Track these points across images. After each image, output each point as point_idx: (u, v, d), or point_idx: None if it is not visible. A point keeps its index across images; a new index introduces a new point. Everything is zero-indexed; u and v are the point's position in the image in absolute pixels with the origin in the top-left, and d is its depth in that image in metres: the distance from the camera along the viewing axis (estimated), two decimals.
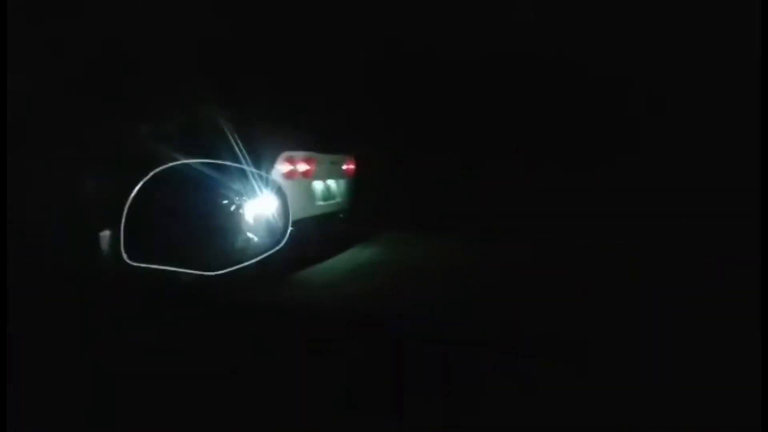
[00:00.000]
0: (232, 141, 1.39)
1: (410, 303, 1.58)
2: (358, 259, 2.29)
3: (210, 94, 1.53)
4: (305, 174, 2.24)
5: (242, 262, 0.96)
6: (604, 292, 1.50)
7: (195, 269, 0.90)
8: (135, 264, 0.82)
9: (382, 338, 1.27)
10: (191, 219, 0.96)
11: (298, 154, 2.17)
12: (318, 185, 2.38)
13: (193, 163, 0.94)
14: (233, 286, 1.01)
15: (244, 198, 1.02)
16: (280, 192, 1.07)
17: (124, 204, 0.82)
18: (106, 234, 0.86)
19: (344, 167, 2.65)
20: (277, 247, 1.01)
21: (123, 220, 0.82)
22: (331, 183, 2.50)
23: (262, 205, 1.04)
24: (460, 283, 1.79)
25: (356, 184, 2.70)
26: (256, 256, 0.99)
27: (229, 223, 1.02)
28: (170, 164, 0.90)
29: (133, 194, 0.83)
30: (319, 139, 2.33)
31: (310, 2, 1.83)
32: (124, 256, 0.82)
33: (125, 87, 1.32)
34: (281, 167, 2.07)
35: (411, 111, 2.22)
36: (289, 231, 1.03)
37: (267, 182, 1.06)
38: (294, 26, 1.73)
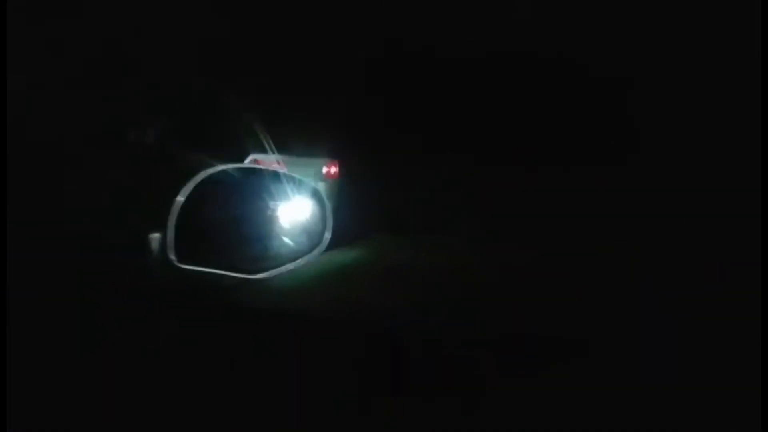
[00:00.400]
0: (263, 139, 1.38)
1: (409, 303, 1.57)
2: (342, 260, 2.28)
3: (211, 92, 1.53)
4: None
5: (280, 267, 0.98)
6: (604, 293, 1.50)
7: (238, 273, 0.92)
8: (183, 267, 0.85)
9: (381, 339, 1.27)
10: (231, 223, 0.98)
11: (267, 156, 2.15)
12: None
13: (233, 167, 0.96)
14: (260, 291, 1.02)
15: (280, 202, 1.03)
16: (317, 195, 1.08)
17: (171, 207, 0.84)
18: (155, 236, 0.88)
19: (325, 170, 2.63)
20: (316, 252, 1.03)
21: (172, 223, 0.84)
22: None
23: (299, 209, 1.05)
24: (458, 284, 1.79)
25: (341, 188, 2.67)
26: (295, 261, 1.00)
27: (267, 227, 1.03)
28: (215, 169, 0.92)
29: (181, 197, 0.85)
30: (296, 142, 2.32)
31: (308, 2, 1.83)
32: (173, 258, 0.84)
33: (127, 87, 1.33)
34: None
35: (409, 112, 2.22)
36: (328, 235, 1.04)
37: (304, 186, 1.07)
38: (291, 26, 1.73)
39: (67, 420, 0.90)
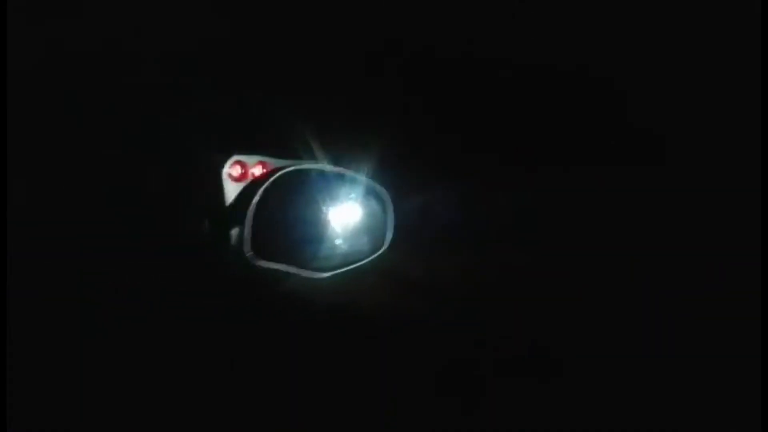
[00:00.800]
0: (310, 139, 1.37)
1: (409, 304, 1.57)
2: None
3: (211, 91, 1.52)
4: None
5: (341, 268, 0.99)
6: (605, 293, 1.50)
7: (305, 272, 0.94)
8: (257, 262, 0.86)
9: (381, 340, 1.27)
10: (292, 223, 0.99)
11: (251, 158, 2.10)
12: None
13: (300, 169, 0.98)
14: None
15: (341, 202, 1.03)
16: (378, 196, 1.08)
17: (249, 204, 0.86)
18: (235, 231, 0.90)
19: None
20: (378, 253, 1.03)
21: (249, 219, 0.86)
22: None
23: (353, 209, 1.05)
24: (457, 285, 1.79)
25: None
26: (357, 263, 1.01)
27: (320, 228, 1.04)
28: (289, 169, 0.94)
29: (258, 195, 0.87)
30: (286, 144, 2.29)
31: (308, 1, 1.83)
32: (248, 253, 0.86)
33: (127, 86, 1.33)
34: (230, 171, 2.01)
35: (408, 112, 2.22)
36: (390, 237, 1.04)
37: (364, 186, 1.07)
38: (287, 26, 1.73)
39: (67, 420, 0.90)
